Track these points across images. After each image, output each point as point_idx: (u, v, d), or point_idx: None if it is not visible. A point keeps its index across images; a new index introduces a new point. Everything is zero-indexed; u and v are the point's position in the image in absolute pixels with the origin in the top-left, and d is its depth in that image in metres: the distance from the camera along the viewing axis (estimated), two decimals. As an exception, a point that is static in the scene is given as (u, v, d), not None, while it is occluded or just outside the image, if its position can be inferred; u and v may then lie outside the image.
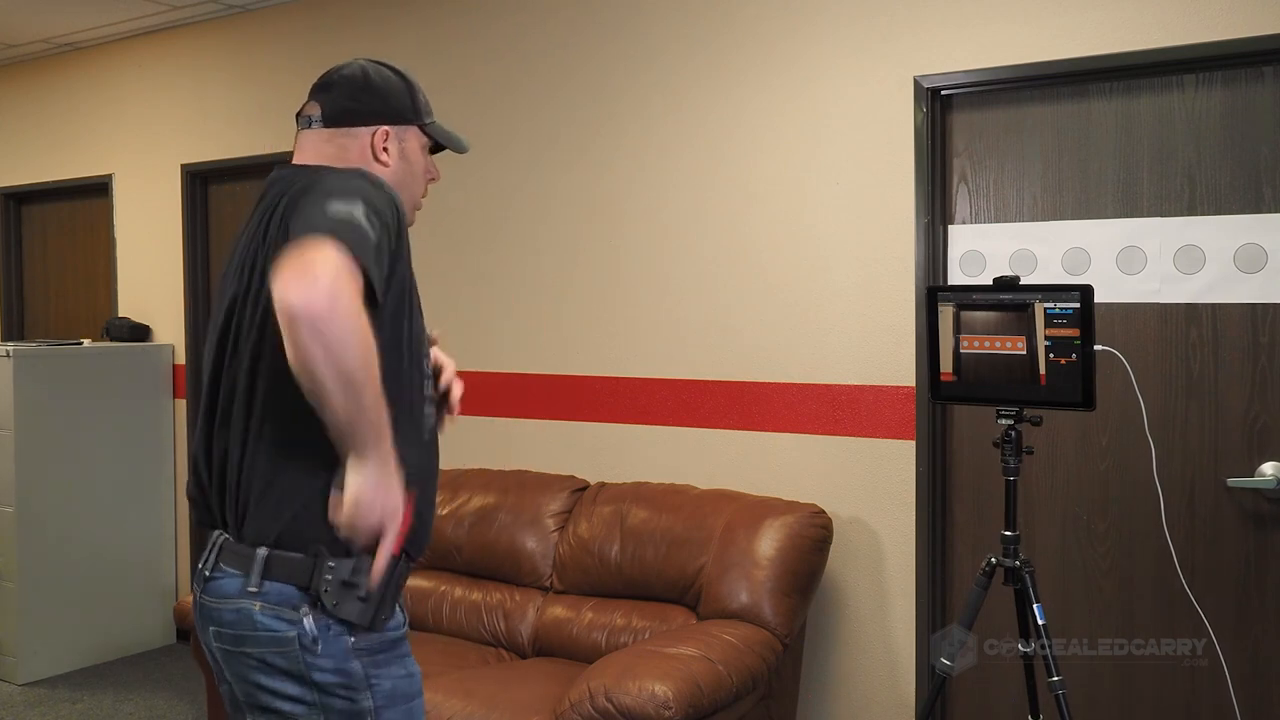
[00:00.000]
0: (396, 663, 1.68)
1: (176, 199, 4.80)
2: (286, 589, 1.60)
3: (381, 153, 1.79)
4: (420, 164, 1.85)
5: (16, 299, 5.65)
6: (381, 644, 1.66)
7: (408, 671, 1.70)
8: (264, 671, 1.62)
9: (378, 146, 1.78)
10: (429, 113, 1.86)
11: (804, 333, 3.21)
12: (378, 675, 1.64)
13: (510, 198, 3.78)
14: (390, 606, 1.66)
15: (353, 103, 1.79)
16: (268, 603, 1.60)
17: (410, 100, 1.83)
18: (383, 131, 1.79)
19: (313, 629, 1.59)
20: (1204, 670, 2.72)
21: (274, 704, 1.63)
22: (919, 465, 3.02)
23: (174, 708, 4.08)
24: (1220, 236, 2.70)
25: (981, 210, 3.00)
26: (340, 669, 1.61)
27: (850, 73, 3.11)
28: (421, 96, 1.86)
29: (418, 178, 1.85)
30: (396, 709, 1.66)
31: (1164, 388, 2.77)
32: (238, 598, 1.62)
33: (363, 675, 1.63)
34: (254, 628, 1.61)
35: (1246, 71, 2.66)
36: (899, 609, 3.07)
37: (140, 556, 4.76)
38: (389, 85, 1.82)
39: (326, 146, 1.78)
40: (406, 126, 1.82)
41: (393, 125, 1.80)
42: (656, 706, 2.40)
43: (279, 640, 1.60)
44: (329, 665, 1.60)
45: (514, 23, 3.77)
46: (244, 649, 1.63)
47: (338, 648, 1.60)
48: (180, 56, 4.79)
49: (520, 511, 3.41)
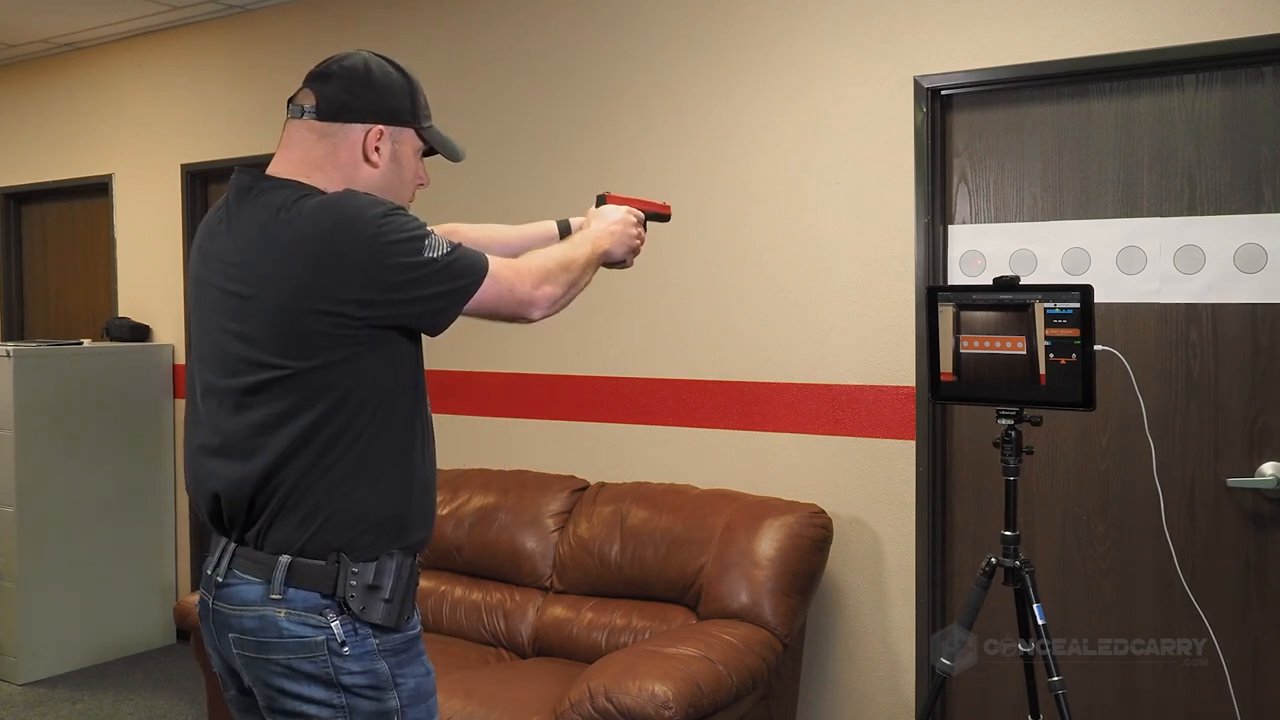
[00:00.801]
0: (416, 661, 1.73)
1: (176, 199, 4.80)
2: (311, 596, 1.62)
3: (373, 153, 1.72)
4: (411, 169, 1.79)
5: (16, 299, 5.65)
6: (403, 643, 1.70)
7: (426, 670, 1.75)
8: (289, 677, 1.63)
9: (369, 147, 1.72)
10: (428, 116, 1.80)
11: (804, 333, 3.21)
12: (402, 675, 1.69)
13: (510, 197, 3.78)
14: (410, 606, 1.71)
15: (349, 96, 1.71)
16: (293, 609, 1.62)
17: (410, 101, 1.76)
18: (376, 131, 1.72)
19: (340, 633, 1.62)
20: (1204, 670, 2.72)
21: (299, 708, 1.64)
22: (919, 465, 3.02)
23: (174, 708, 4.08)
24: (1220, 236, 2.70)
25: (981, 210, 3.00)
26: (369, 670, 1.64)
27: (850, 73, 3.11)
28: (422, 98, 1.80)
29: (406, 183, 1.80)
30: (419, 707, 1.71)
31: (1164, 388, 2.77)
32: (260, 605, 1.63)
33: (389, 675, 1.67)
34: (280, 634, 1.62)
35: (1246, 71, 2.66)
36: (899, 609, 3.07)
37: (140, 556, 4.76)
38: (389, 82, 1.74)
39: (317, 145, 1.71)
40: (402, 128, 1.75)
41: (388, 125, 1.73)
42: (656, 706, 2.40)
43: (307, 645, 1.61)
44: (357, 668, 1.63)
45: (514, 22, 3.77)
46: (269, 655, 1.63)
47: (365, 650, 1.64)
48: (180, 56, 4.79)
49: (520, 511, 3.41)
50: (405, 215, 1.65)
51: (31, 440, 4.35)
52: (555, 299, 1.76)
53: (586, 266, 1.84)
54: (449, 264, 1.63)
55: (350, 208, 1.61)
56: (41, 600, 4.40)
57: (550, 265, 1.76)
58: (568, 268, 1.79)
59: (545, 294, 1.74)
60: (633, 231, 2.00)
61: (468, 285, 1.65)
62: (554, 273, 1.76)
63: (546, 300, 1.74)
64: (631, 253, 2.01)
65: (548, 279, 1.75)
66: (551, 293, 1.75)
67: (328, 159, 1.71)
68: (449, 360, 3.85)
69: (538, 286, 1.73)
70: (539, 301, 1.73)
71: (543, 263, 1.76)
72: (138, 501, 4.74)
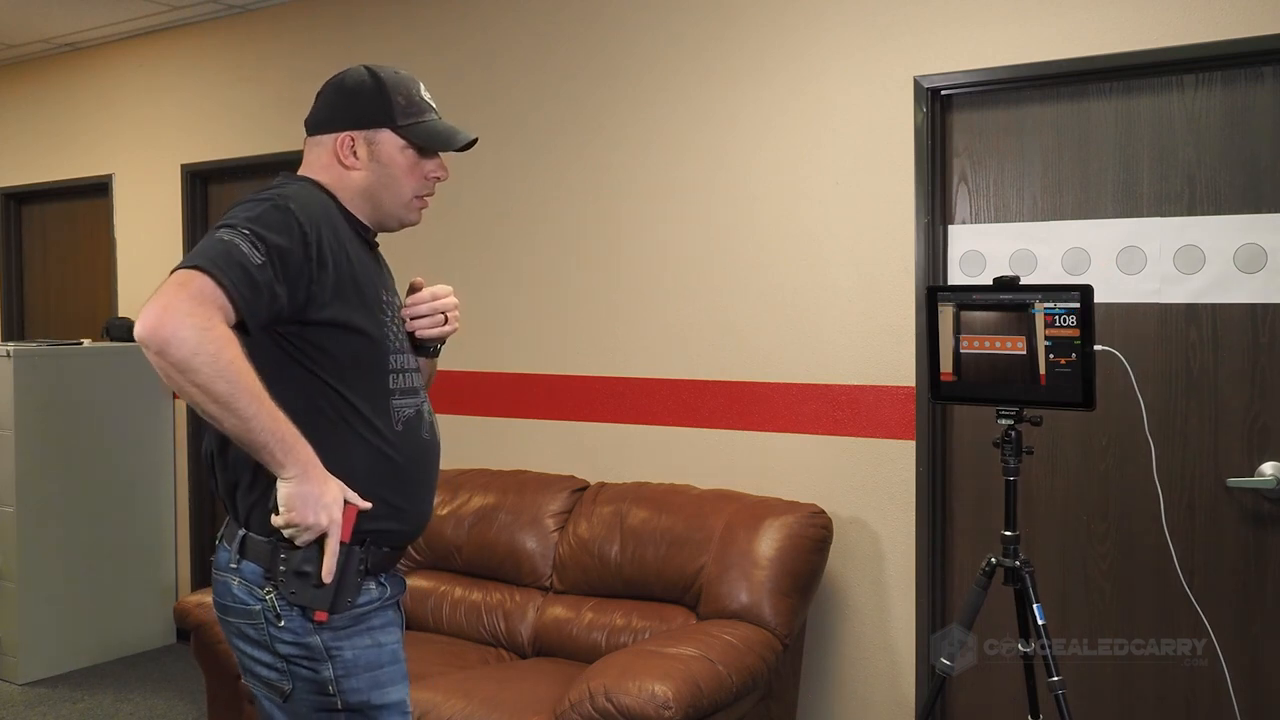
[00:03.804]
0: (364, 634, 1.75)
1: (176, 199, 4.80)
2: (256, 568, 1.72)
3: (347, 158, 1.82)
4: (402, 165, 1.84)
5: (16, 299, 5.65)
6: (347, 618, 1.73)
7: (375, 642, 1.76)
8: (242, 639, 1.76)
9: (341, 153, 1.82)
10: (408, 114, 1.84)
11: (804, 333, 3.21)
12: (338, 646, 1.72)
13: (510, 198, 3.78)
14: (353, 590, 1.72)
15: (325, 110, 1.86)
16: (243, 579, 1.73)
17: (382, 102, 1.82)
18: (345, 138, 1.82)
19: (276, 605, 1.70)
20: (1204, 670, 2.72)
21: (254, 669, 1.76)
22: (919, 465, 3.02)
23: (174, 708, 4.08)
24: (1220, 236, 2.69)
25: (981, 210, 3.00)
26: (300, 642, 1.71)
27: (850, 73, 3.11)
28: (399, 97, 1.83)
29: (399, 179, 1.84)
30: (359, 677, 1.74)
31: (1164, 388, 2.77)
32: (224, 571, 1.77)
33: (322, 647, 1.71)
34: (232, 599, 1.75)
35: (1246, 71, 2.66)
36: (899, 609, 3.07)
37: (140, 557, 4.76)
38: (358, 89, 1.83)
39: (311, 156, 1.86)
40: (376, 130, 1.82)
41: (358, 130, 1.82)
42: (656, 707, 2.40)
43: (249, 614, 1.72)
44: (290, 639, 1.71)
45: (514, 23, 3.77)
46: (227, 618, 1.77)
47: (298, 623, 1.70)
48: (180, 56, 4.79)
49: (520, 511, 3.41)
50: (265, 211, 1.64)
51: (31, 440, 4.35)
52: (174, 352, 1.48)
53: (251, 428, 1.55)
54: (221, 239, 1.59)
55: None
56: (41, 600, 4.40)
57: (231, 352, 1.52)
58: (236, 393, 1.52)
59: (174, 329, 1.48)
60: (323, 518, 1.63)
61: (192, 260, 1.56)
62: (218, 350, 1.50)
63: (171, 335, 1.48)
64: (300, 534, 1.64)
65: (205, 334, 1.50)
66: (187, 339, 1.48)
67: (319, 166, 1.85)
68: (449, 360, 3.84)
69: (182, 317, 1.49)
70: (171, 330, 1.48)
71: (235, 346, 1.53)
72: (137, 501, 4.74)
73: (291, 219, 1.66)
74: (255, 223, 1.62)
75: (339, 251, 1.72)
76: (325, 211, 1.75)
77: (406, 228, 1.92)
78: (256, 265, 1.59)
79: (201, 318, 1.51)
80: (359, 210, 1.85)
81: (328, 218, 1.74)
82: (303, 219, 1.67)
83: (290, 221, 1.65)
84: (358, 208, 1.85)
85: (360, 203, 1.85)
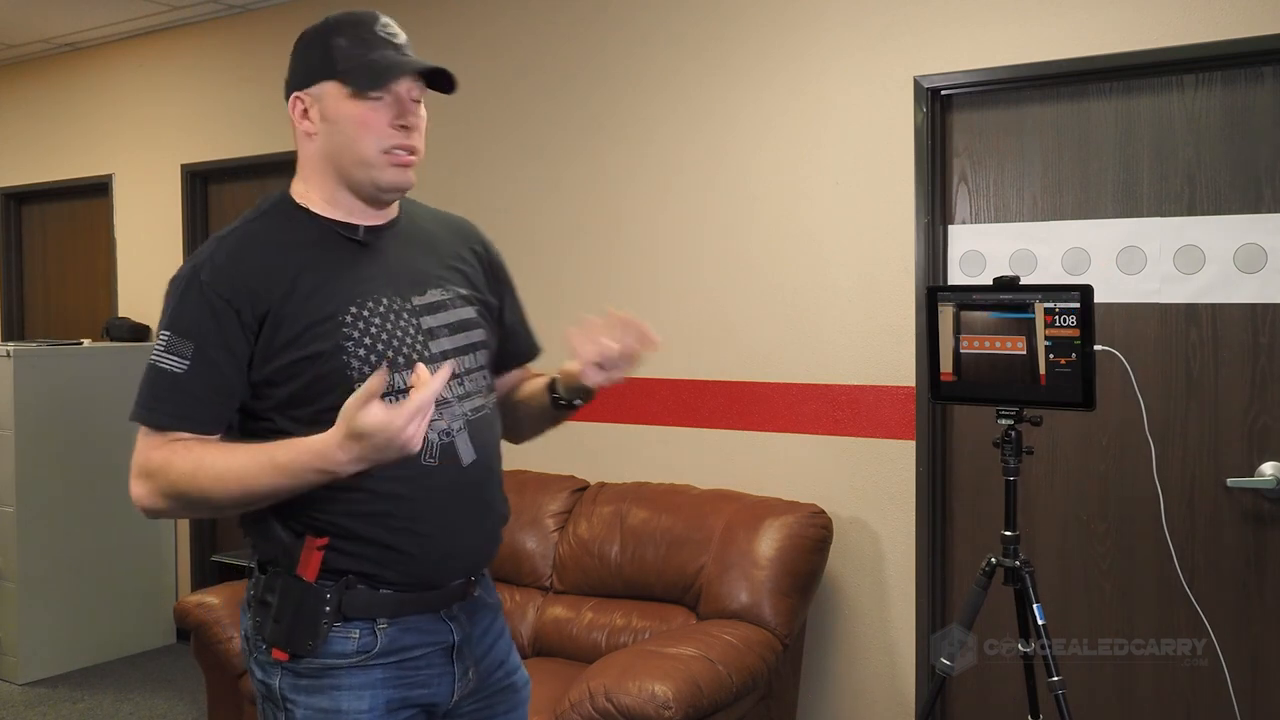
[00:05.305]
0: (324, 694, 1.55)
1: (176, 199, 4.80)
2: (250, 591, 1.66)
3: (301, 123, 1.60)
4: (352, 116, 1.54)
5: (16, 299, 5.65)
6: (314, 668, 1.55)
7: (333, 707, 1.54)
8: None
9: (297, 120, 1.60)
10: (350, 55, 1.55)
11: (804, 333, 3.21)
12: (294, 699, 1.56)
13: (510, 197, 3.78)
14: (312, 631, 1.53)
15: (286, 83, 1.64)
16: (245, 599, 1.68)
17: (320, 53, 1.56)
18: (294, 102, 1.60)
19: (252, 633, 1.62)
20: (1204, 670, 2.72)
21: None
22: (919, 465, 3.02)
23: (174, 708, 4.08)
24: (1220, 236, 2.69)
25: (981, 210, 3.00)
26: (264, 680, 1.60)
27: (850, 73, 3.11)
28: (339, 39, 1.56)
29: (351, 135, 1.55)
30: None
31: (1164, 388, 2.77)
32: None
33: (279, 694, 1.57)
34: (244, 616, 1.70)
35: (1246, 71, 2.66)
36: (899, 609, 3.07)
37: (140, 556, 4.76)
38: (301, 43, 1.62)
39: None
40: (320, 85, 1.57)
41: (303, 89, 1.58)
42: (656, 707, 2.40)
43: (245, 632, 1.66)
44: (259, 674, 1.61)
45: (513, 23, 3.77)
46: None
47: (266, 657, 1.59)
48: (180, 56, 4.79)
49: (520, 511, 3.41)
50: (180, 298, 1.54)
51: (31, 440, 4.35)
52: (144, 508, 1.53)
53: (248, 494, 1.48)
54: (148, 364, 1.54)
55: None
56: (41, 600, 4.40)
57: (174, 475, 1.48)
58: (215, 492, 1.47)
59: (134, 494, 1.53)
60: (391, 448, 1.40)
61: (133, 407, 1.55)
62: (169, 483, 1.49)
63: (135, 501, 1.53)
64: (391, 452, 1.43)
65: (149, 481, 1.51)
66: (141, 496, 1.52)
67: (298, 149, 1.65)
68: (449, 360, 3.85)
69: (134, 480, 1.53)
70: (133, 495, 1.53)
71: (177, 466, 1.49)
72: (138, 501, 4.73)
73: (206, 295, 1.51)
74: (174, 322, 1.52)
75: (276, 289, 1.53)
76: (255, 252, 1.55)
77: (399, 191, 1.62)
78: (185, 376, 1.50)
79: (141, 475, 1.52)
80: (325, 188, 1.60)
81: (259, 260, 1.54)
82: (220, 288, 1.51)
83: (206, 298, 1.51)
84: (324, 186, 1.60)
85: (324, 179, 1.60)
